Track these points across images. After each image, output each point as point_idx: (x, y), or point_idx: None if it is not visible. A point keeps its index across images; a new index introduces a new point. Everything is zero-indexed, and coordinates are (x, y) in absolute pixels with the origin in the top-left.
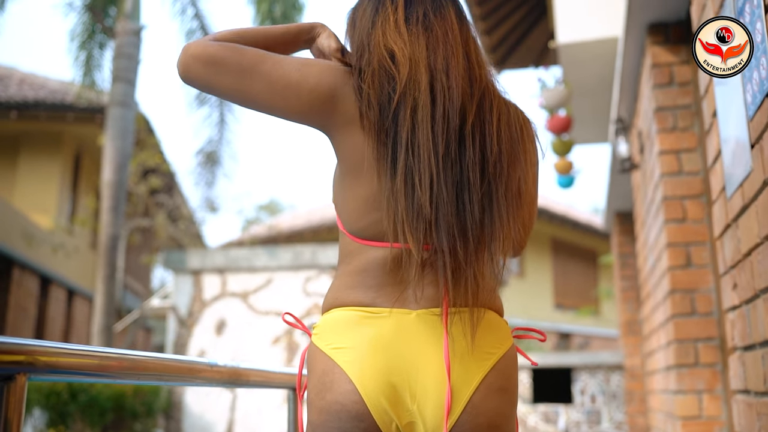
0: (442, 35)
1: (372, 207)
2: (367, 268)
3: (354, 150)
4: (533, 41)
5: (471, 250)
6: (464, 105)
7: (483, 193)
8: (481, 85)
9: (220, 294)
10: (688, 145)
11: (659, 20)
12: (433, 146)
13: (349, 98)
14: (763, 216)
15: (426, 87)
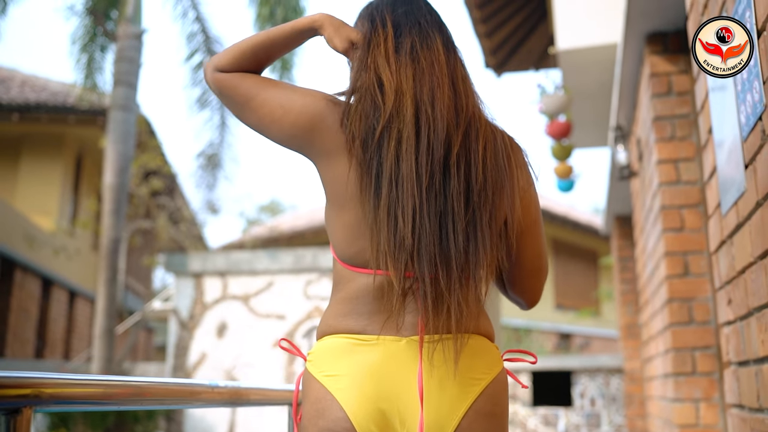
0: (429, 67)
1: (358, 234)
2: (358, 296)
3: (336, 179)
4: (533, 44)
5: (454, 278)
6: (449, 135)
7: (467, 221)
8: (468, 115)
9: (221, 297)
10: (686, 155)
11: (658, 30)
12: (417, 178)
13: (332, 129)
14: (756, 236)
15: (411, 119)
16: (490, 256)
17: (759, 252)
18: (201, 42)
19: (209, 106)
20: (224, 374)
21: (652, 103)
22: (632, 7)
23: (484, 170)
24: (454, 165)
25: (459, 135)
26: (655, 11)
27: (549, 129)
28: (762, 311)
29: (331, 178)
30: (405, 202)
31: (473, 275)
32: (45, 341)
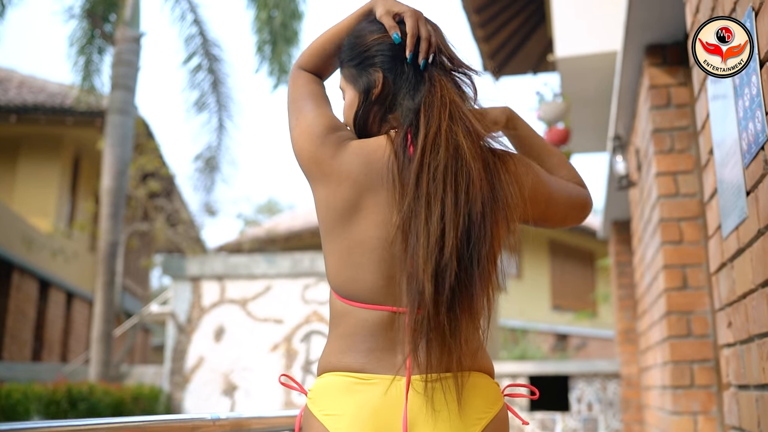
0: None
1: (345, 264)
2: (356, 332)
3: (328, 206)
4: (531, 48)
5: (453, 317)
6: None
7: (468, 257)
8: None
9: (218, 301)
10: (685, 167)
11: (657, 42)
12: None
13: (334, 160)
14: (758, 264)
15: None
16: (488, 292)
17: (760, 280)
18: (199, 45)
19: (207, 108)
20: (222, 378)
21: (651, 115)
22: (632, 19)
23: (483, 205)
24: (451, 203)
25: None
26: (655, 23)
27: (547, 136)
28: (763, 339)
29: (321, 203)
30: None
31: (472, 310)
32: (42, 343)
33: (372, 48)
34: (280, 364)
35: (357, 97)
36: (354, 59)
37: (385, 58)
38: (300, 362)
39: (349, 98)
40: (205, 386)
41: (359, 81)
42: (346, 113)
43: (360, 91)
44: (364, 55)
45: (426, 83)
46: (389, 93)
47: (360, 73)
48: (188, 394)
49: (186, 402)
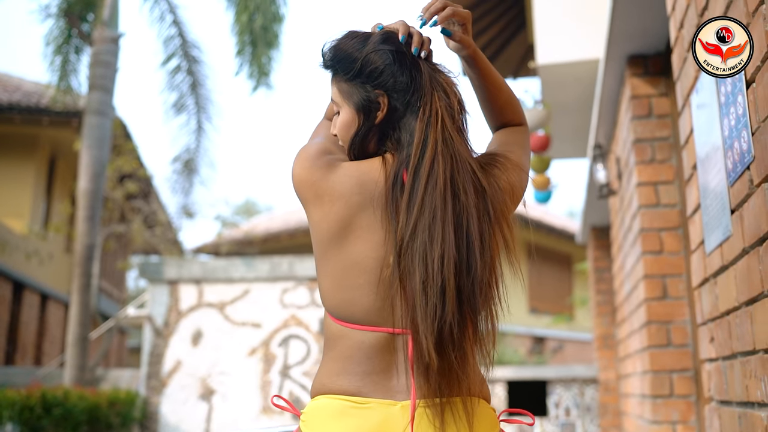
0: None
1: (341, 286)
2: (351, 354)
3: (322, 226)
4: (511, 53)
5: (457, 341)
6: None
7: (470, 277)
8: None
9: (196, 304)
10: (666, 178)
11: (638, 52)
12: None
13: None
14: (742, 282)
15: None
16: (491, 310)
17: (744, 298)
18: (178, 46)
19: (186, 110)
20: (199, 382)
21: (632, 125)
22: (614, 29)
23: (480, 231)
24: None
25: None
26: (637, 34)
27: None
28: (747, 357)
29: (315, 224)
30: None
31: (476, 333)
32: (16, 346)
33: (374, 65)
34: (257, 368)
35: (356, 118)
36: (351, 72)
37: (389, 79)
38: (278, 367)
39: (346, 117)
40: (182, 390)
41: (358, 99)
42: (342, 132)
43: (360, 111)
44: (365, 70)
45: (425, 105)
46: (391, 116)
47: (359, 90)
48: (165, 399)
49: (163, 407)
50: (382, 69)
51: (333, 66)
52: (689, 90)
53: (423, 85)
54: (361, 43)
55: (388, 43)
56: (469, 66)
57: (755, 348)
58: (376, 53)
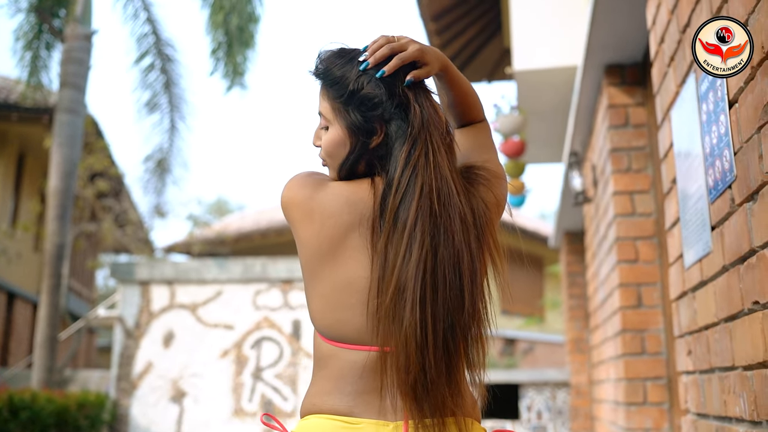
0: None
1: (332, 306)
2: (343, 374)
3: (313, 245)
4: (486, 57)
5: (446, 360)
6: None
7: (458, 291)
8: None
9: (168, 305)
10: (642, 187)
11: (616, 62)
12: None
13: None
14: (722, 299)
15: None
16: (482, 334)
17: (724, 315)
18: (152, 44)
19: (159, 109)
20: (170, 384)
21: (609, 134)
22: (593, 39)
23: (469, 251)
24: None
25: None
26: (615, 44)
27: (503, 147)
28: (726, 373)
29: (308, 244)
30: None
31: (466, 352)
32: None
33: (368, 94)
34: (230, 370)
35: (347, 139)
36: (343, 96)
37: (381, 109)
38: (250, 369)
39: (336, 136)
40: (153, 393)
41: (351, 121)
42: (330, 149)
43: (353, 133)
44: (357, 96)
45: (413, 129)
46: (385, 143)
47: (352, 113)
48: (136, 401)
49: (133, 409)
50: (374, 98)
51: (324, 83)
52: (669, 104)
53: (413, 110)
54: (352, 65)
55: (379, 69)
56: (438, 79)
57: (734, 364)
58: (370, 82)
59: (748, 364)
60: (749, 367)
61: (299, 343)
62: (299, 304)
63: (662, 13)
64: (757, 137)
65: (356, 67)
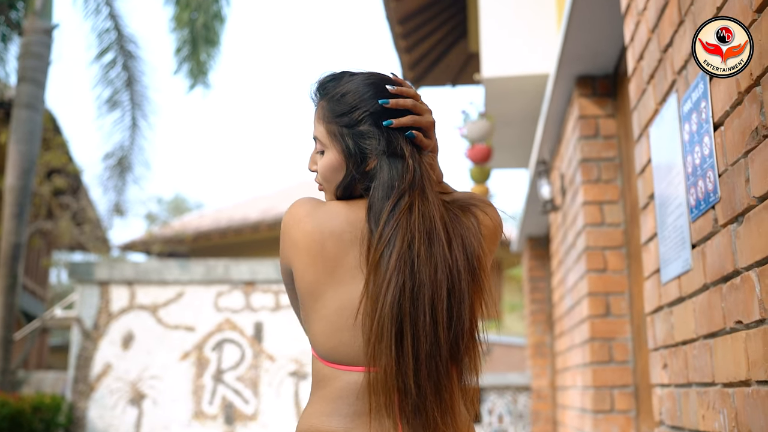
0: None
1: (335, 328)
2: (341, 395)
3: (317, 265)
4: (451, 61)
5: (442, 385)
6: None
7: (450, 312)
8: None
9: (128, 306)
10: (611, 197)
11: (587, 73)
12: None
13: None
14: (702, 316)
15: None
16: (475, 353)
17: (704, 332)
18: (114, 40)
19: (120, 106)
20: (129, 387)
21: (579, 145)
22: (566, 51)
23: (459, 276)
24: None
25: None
26: (587, 56)
27: (470, 153)
28: (705, 388)
29: (311, 265)
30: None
31: (460, 379)
32: None
33: (370, 131)
34: (190, 372)
35: (344, 164)
36: (343, 118)
37: (381, 147)
38: (211, 371)
39: (333, 160)
40: (111, 395)
41: (347, 145)
42: (328, 175)
43: (348, 157)
44: (359, 129)
45: (404, 188)
46: (378, 169)
47: (349, 138)
48: (93, 404)
49: (90, 412)
50: (372, 136)
51: (322, 104)
52: (648, 121)
53: (408, 165)
54: (355, 92)
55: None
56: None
57: (714, 381)
58: (371, 121)
59: (729, 381)
60: (730, 384)
61: (261, 346)
62: (261, 306)
63: (641, 31)
64: (743, 161)
65: (361, 95)
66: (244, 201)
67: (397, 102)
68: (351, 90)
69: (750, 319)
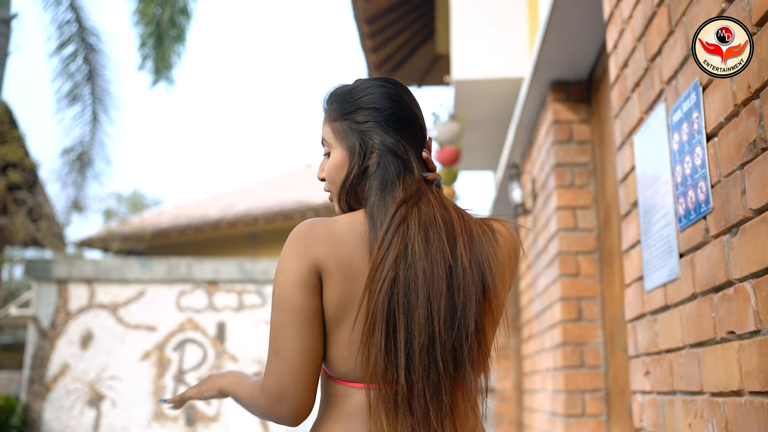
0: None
1: (352, 349)
2: (355, 413)
3: (343, 288)
4: (417, 62)
5: (453, 402)
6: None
7: (456, 330)
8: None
9: (87, 305)
10: (584, 203)
11: (562, 78)
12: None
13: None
14: (690, 325)
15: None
16: (475, 344)
17: (692, 341)
18: (74, 32)
19: (81, 100)
20: (88, 387)
21: (553, 149)
22: (543, 55)
23: (465, 276)
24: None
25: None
26: (563, 61)
27: (439, 155)
28: (692, 397)
29: (339, 283)
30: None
31: (464, 381)
32: None
33: (370, 131)
34: (150, 373)
35: (347, 158)
36: (350, 115)
37: (384, 136)
38: (172, 371)
39: (338, 158)
40: (68, 396)
41: (352, 140)
42: (332, 173)
43: (351, 152)
44: (364, 116)
45: (406, 198)
46: (379, 165)
47: (353, 132)
48: (49, 405)
49: (46, 413)
50: (375, 128)
51: (331, 107)
52: (632, 129)
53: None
54: (365, 90)
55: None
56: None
57: (703, 389)
58: (376, 123)
59: (719, 391)
60: (720, 393)
61: (223, 346)
62: (224, 306)
63: (626, 39)
64: (739, 173)
65: (366, 91)
66: (204, 198)
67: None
68: (357, 87)
69: (744, 329)
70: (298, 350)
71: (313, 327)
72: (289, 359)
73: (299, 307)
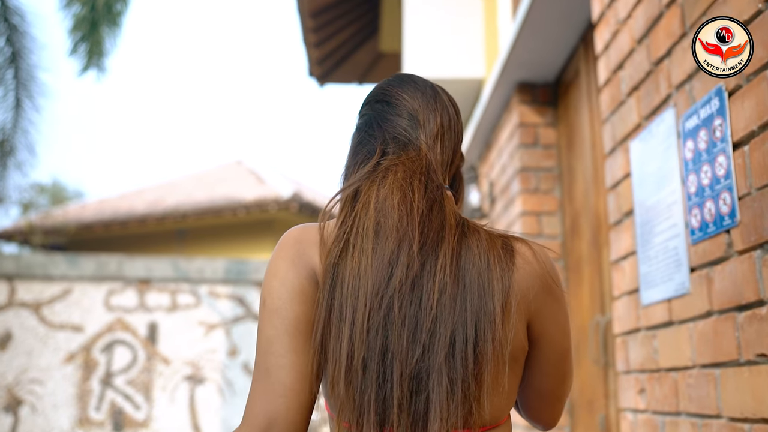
0: None
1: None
2: None
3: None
4: (360, 59)
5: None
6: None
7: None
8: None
9: (6, 303)
10: (549, 209)
11: (528, 80)
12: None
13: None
14: (704, 344)
15: None
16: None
17: (706, 361)
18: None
19: (2, 84)
20: (5, 392)
21: (518, 153)
22: (512, 57)
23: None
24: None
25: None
26: (531, 63)
27: None
28: (706, 420)
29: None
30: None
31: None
32: None
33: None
34: (76, 376)
35: (350, 146)
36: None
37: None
38: (99, 374)
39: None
40: None
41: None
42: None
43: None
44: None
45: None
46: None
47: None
48: None
49: None
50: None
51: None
52: (627, 135)
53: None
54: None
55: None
56: None
57: (721, 414)
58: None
59: (744, 417)
60: (746, 419)
61: (155, 348)
62: (157, 306)
63: (621, 41)
64: None
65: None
66: (130, 192)
67: None
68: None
69: None
70: (292, 367)
71: (309, 342)
72: (281, 378)
73: (296, 317)
